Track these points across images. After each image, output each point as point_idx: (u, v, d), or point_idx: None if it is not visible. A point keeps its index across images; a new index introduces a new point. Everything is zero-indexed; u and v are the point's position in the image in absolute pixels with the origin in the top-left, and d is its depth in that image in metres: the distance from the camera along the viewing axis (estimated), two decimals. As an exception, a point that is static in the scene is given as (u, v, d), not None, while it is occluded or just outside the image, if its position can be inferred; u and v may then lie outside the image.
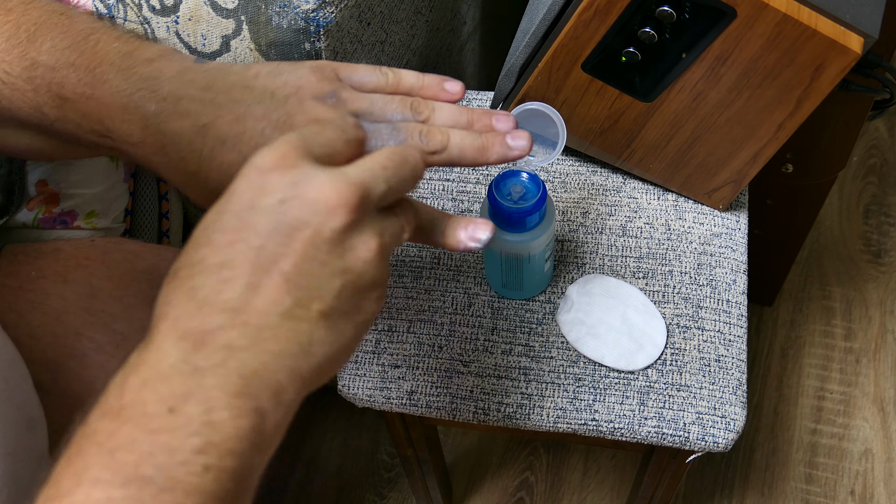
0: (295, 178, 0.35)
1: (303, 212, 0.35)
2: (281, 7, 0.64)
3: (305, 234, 0.35)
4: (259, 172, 0.36)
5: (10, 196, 0.66)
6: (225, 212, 0.36)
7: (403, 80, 0.47)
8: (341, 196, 0.35)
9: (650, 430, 0.65)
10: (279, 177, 0.35)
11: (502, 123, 0.47)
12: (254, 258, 0.34)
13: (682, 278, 0.70)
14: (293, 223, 0.35)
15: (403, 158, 0.39)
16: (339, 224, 0.35)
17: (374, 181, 0.37)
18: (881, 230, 1.37)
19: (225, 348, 0.33)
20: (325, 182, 0.35)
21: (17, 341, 0.57)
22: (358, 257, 0.36)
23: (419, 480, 0.98)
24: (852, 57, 0.56)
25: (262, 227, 0.35)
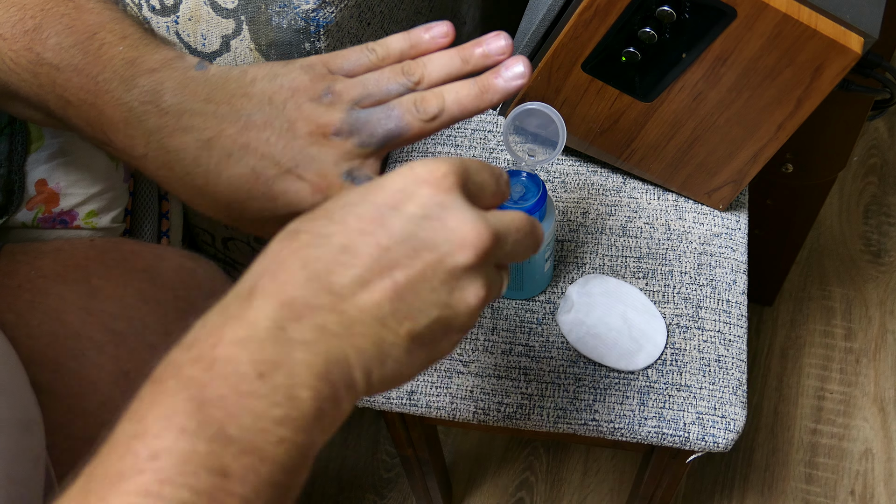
0: (444, 201, 0.36)
1: (438, 235, 0.36)
2: (281, 7, 0.64)
3: (431, 256, 0.36)
4: (414, 180, 0.37)
5: (10, 196, 0.66)
6: (368, 200, 0.36)
7: (391, 49, 0.47)
8: (478, 237, 0.36)
9: (650, 430, 0.65)
10: (431, 193, 0.36)
11: (493, 47, 0.45)
12: (377, 256, 0.35)
13: (682, 278, 0.70)
14: (425, 241, 0.36)
15: (533, 229, 0.41)
16: (464, 262, 0.36)
17: (506, 237, 0.38)
18: (881, 230, 1.37)
19: (319, 328, 0.34)
20: (468, 219, 0.36)
21: (17, 341, 0.57)
22: (463, 299, 0.37)
23: (419, 480, 0.98)
24: (852, 57, 0.56)
25: (397, 231, 0.36)
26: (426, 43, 0.46)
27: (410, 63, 0.46)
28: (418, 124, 0.45)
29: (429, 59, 0.46)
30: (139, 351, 0.59)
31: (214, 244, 0.91)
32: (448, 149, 0.78)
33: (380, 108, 0.45)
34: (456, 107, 0.45)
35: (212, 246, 0.91)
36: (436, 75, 0.45)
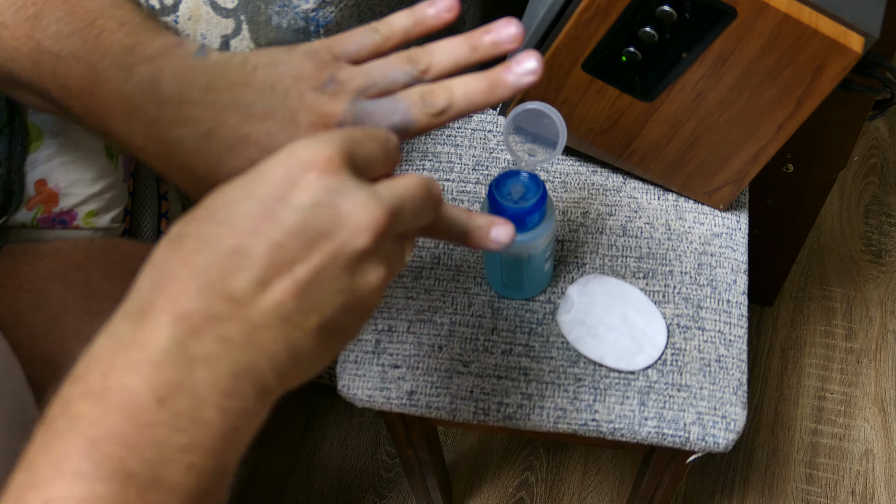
0: (333, 185, 0.35)
1: (332, 223, 0.34)
2: (281, 7, 0.64)
3: (329, 245, 0.34)
4: (298, 165, 0.35)
5: (10, 196, 0.66)
6: (252, 195, 0.34)
7: (395, 28, 0.45)
8: (372, 219, 0.35)
9: (650, 430, 0.65)
10: (317, 178, 0.34)
11: (503, 34, 0.43)
12: (272, 254, 0.33)
13: (682, 278, 0.70)
14: (319, 231, 0.34)
15: (429, 192, 0.39)
16: (363, 246, 0.35)
17: (402, 210, 0.37)
18: (882, 230, 1.37)
19: (221, 340, 0.32)
20: (360, 200, 0.35)
21: (16, 341, 0.57)
22: (366, 282, 0.36)
23: (419, 480, 0.98)
24: (853, 57, 0.56)
25: (289, 224, 0.34)
26: (431, 19, 0.45)
27: (417, 51, 0.44)
28: (425, 118, 0.43)
29: (436, 46, 0.44)
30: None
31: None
32: (448, 148, 0.78)
33: (386, 101, 0.44)
34: (464, 101, 0.43)
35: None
36: (443, 64, 0.44)
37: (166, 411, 0.30)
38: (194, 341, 0.32)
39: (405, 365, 0.68)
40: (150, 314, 0.32)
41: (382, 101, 0.43)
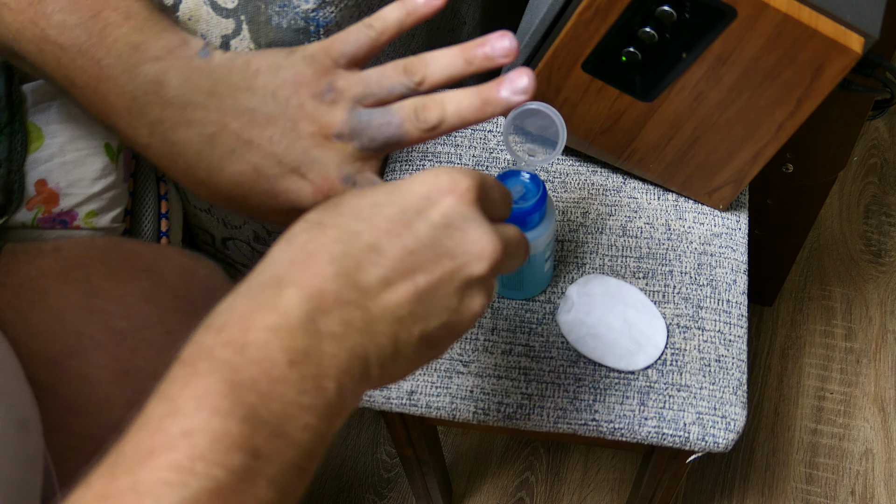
0: (467, 213, 0.38)
1: (459, 245, 0.38)
2: (281, 7, 0.64)
3: (451, 264, 0.38)
4: (438, 188, 0.38)
5: (10, 195, 0.66)
6: (395, 203, 0.38)
7: (389, 22, 0.46)
8: (493, 252, 0.38)
9: (650, 430, 0.65)
10: (455, 204, 0.38)
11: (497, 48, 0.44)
12: (403, 258, 0.37)
13: (682, 278, 0.70)
14: (447, 249, 0.38)
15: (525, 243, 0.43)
16: (479, 273, 0.38)
17: (511, 254, 0.40)
18: (881, 230, 1.37)
19: (345, 323, 0.35)
20: (486, 232, 0.38)
21: (17, 340, 0.57)
22: (470, 306, 0.39)
23: (419, 480, 0.98)
24: (853, 57, 0.56)
25: (422, 235, 0.37)
26: (422, 7, 0.46)
27: (413, 61, 0.45)
28: (417, 133, 0.45)
29: (432, 58, 0.45)
30: (140, 350, 0.59)
31: (214, 244, 0.91)
32: (448, 148, 0.78)
33: (381, 113, 0.45)
34: (456, 117, 0.44)
35: (211, 246, 0.91)
36: (438, 76, 0.45)
37: (295, 373, 0.33)
38: (323, 318, 0.35)
39: (405, 364, 0.68)
40: (289, 286, 0.35)
41: (377, 114, 0.45)
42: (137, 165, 0.79)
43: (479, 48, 0.44)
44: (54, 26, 0.45)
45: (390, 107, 0.45)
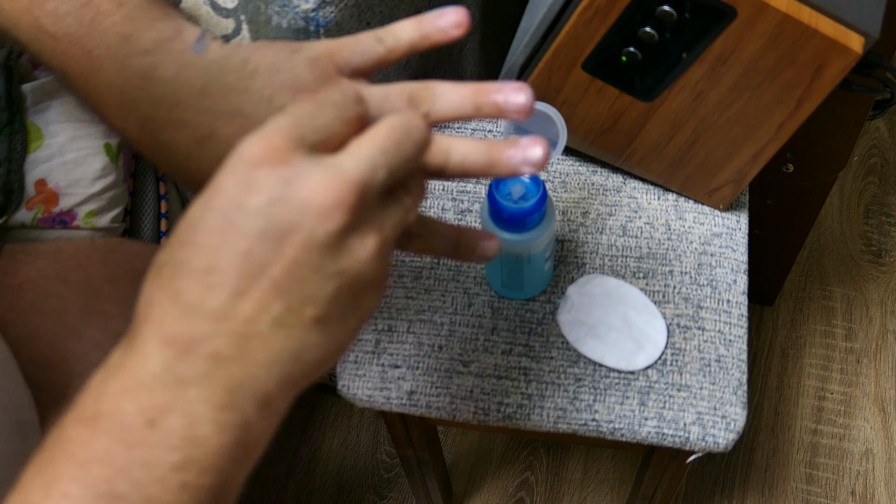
0: (286, 175, 0.32)
1: (294, 215, 0.32)
2: (281, 7, 0.64)
3: (297, 238, 0.32)
4: (246, 166, 0.33)
5: (10, 195, 0.66)
6: (210, 209, 0.33)
7: (401, 41, 0.43)
8: (337, 197, 0.32)
9: (650, 430, 0.65)
10: (268, 173, 0.32)
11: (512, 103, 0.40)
12: (241, 263, 0.32)
13: (682, 278, 0.70)
14: (284, 227, 0.32)
15: (405, 134, 0.35)
16: (335, 228, 0.33)
17: (373, 173, 0.34)
18: (881, 230, 1.37)
19: (211, 358, 0.32)
20: (319, 182, 0.32)
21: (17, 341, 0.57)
22: (356, 259, 0.34)
23: (419, 480, 0.98)
24: (853, 57, 0.56)
25: (250, 229, 0.32)
26: (437, 34, 0.43)
27: (421, 92, 0.42)
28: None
29: (440, 92, 0.42)
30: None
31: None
32: (448, 149, 0.78)
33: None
34: (458, 169, 0.41)
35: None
36: (442, 114, 0.42)
37: (157, 432, 0.30)
38: (182, 363, 0.31)
39: (405, 365, 0.68)
40: (137, 342, 0.32)
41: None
42: (137, 165, 0.79)
43: (492, 95, 0.41)
44: (48, 14, 0.43)
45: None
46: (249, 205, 0.32)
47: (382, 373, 0.68)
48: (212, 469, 0.31)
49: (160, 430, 0.30)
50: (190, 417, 0.31)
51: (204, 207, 0.33)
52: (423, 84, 0.42)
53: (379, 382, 0.68)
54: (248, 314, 0.32)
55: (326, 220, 0.32)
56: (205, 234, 0.33)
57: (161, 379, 0.31)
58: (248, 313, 0.32)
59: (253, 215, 0.32)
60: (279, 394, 0.33)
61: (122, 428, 0.30)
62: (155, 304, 0.33)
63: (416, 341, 0.69)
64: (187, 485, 0.30)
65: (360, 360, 0.69)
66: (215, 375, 0.32)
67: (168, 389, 0.31)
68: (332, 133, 0.35)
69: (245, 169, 0.33)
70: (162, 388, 0.31)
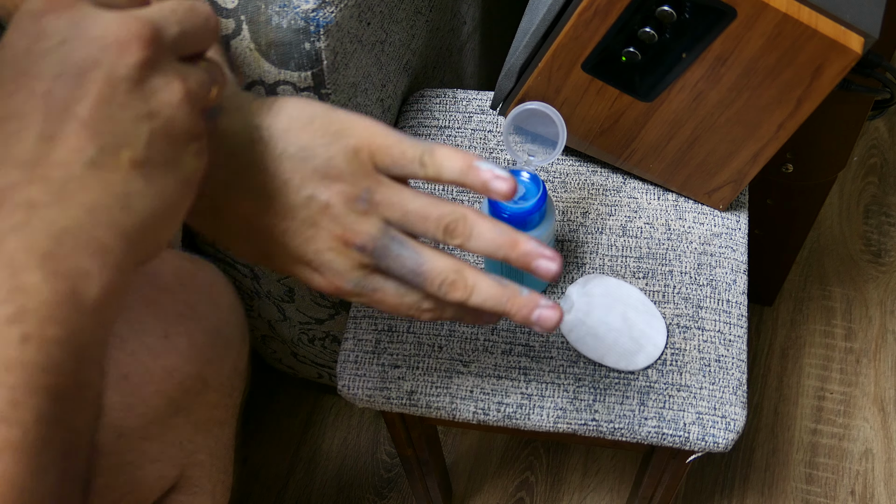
0: (74, 18, 0.31)
1: (90, 50, 0.31)
2: (281, 7, 0.64)
3: (98, 73, 0.31)
4: (31, 17, 0.31)
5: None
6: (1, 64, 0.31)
7: (444, 175, 0.42)
8: (131, 31, 0.31)
9: (650, 430, 0.65)
10: (55, 19, 0.31)
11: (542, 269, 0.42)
12: (43, 105, 0.30)
13: (682, 278, 0.70)
14: (82, 64, 0.31)
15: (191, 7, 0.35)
16: (134, 60, 0.31)
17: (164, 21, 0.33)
18: (881, 230, 1.37)
19: (26, 206, 0.30)
20: (110, 19, 0.31)
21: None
22: (163, 101, 0.32)
23: (419, 480, 0.98)
24: (852, 57, 0.56)
25: (46, 71, 0.31)
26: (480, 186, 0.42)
27: (458, 225, 0.42)
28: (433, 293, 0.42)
29: (478, 232, 0.42)
30: (139, 354, 0.59)
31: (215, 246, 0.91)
32: (448, 149, 0.78)
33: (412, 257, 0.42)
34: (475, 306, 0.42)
35: (211, 247, 0.91)
36: (476, 249, 0.42)
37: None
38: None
39: (405, 365, 0.68)
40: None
41: (409, 257, 0.42)
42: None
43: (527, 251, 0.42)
44: None
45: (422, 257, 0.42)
46: (40, 48, 0.31)
47: (382, 373, 0.68)
48: (52, 319, 0.29)
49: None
50: (11, 267, 0.29)
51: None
52: (462, 215, 0.42)
53: (379, 382, 0.68)
54: (61, 157, 0.30)
55: (124, 52, 0.31)
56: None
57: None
58: (61, 156, 0.30)
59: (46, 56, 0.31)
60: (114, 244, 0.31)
61: None
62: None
63: (416, 341, 0.69)
64: (29, 337, 0.28)
65: (360, 360, 0.69)
66: (33, 223, 0.29)
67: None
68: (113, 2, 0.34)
69: (30, 20, 0.32)
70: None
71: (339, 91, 0.69)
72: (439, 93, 0.82)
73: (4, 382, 0.27)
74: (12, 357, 0.28)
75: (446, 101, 0.81)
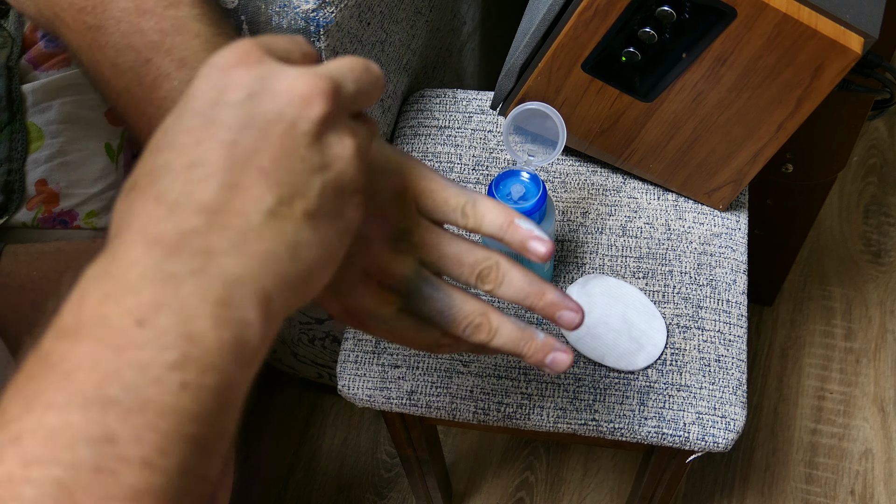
0: (262, 72, 0.33)
1: (276, 104, 0.32)
2: (281, 7, 0.64)
3: (281, 127, 0.32)
4: (220, 70, 0.33)
5: (10, 196, 0.66)
6: (187, 112, 0.32)
7: (484, 228, 0.43)
8: (315, 87, 0.33)
9: (650, 430, 0.65)
10: (244, 72, 0.32)
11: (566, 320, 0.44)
12: (227, 154, 0.31)
13: (682, 278, 0.70)
14: (267, 116, 0.32)
15: (366, 67, 0.37)
16: (316, 115, 0.32)
17: (343, 79, 0.34)
18: (881, 230, 1.37)
19: (204, 252, 0.30)
20: (296, 75, 0.33)
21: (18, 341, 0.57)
22: (337, 155, 0.34)
23: (419, 480, 0.98)
24: (852, 57, 0.56)
25: (233, 122, 0.32)
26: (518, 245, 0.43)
27: (491, 271, 0.43)
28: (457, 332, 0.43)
29: (509, 280, 0.43)
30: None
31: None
32: (448, 148, 0.78)
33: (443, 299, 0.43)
34: (496, 347, 0.43)
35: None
36: (505, 296, 0.44)
37: (148, 331, 0.28)
38: (172, 260, 0.29)
39: (405, 365, 0.68)
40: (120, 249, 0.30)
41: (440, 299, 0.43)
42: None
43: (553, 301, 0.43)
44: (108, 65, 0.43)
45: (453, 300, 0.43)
46: (228, 100, 0.32)
47: (382, 373, 0.68)
48: (213, 368, 0.29)
49: (151, 328, 0.28)
50: (184, 314, 0.29)
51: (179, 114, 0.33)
52: (495, 262, 0.43)
53: (379, 382, 0.68)
54: (241, 206, 0.31)
55: (307, 107, 0.32)
56: (184, 134, 0.32)
57: (150, 279, 0.29)
58: (241, 205, 0.31)
59: (233, 108, 0.32)
60: (277, 294, 0.31)
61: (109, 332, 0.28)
62: (136, 211, 0.31)
63: (416, 341, 0.69)
64: (188, 384, 0.28)
65: (360, 360, 0.69)
66: (210, 270, 0.30)
67: (158, 288, 0.29)
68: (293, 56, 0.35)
69: (218, 73, 0.33)
70: (151, 287, 0.29)
71: (340, 91, 0.69)
72: (439, 93, 0.82)
73: (156, 428, 0.27)
74: (167, 403, 0.28)
75: (446, 101, 0.81)
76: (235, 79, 0.32)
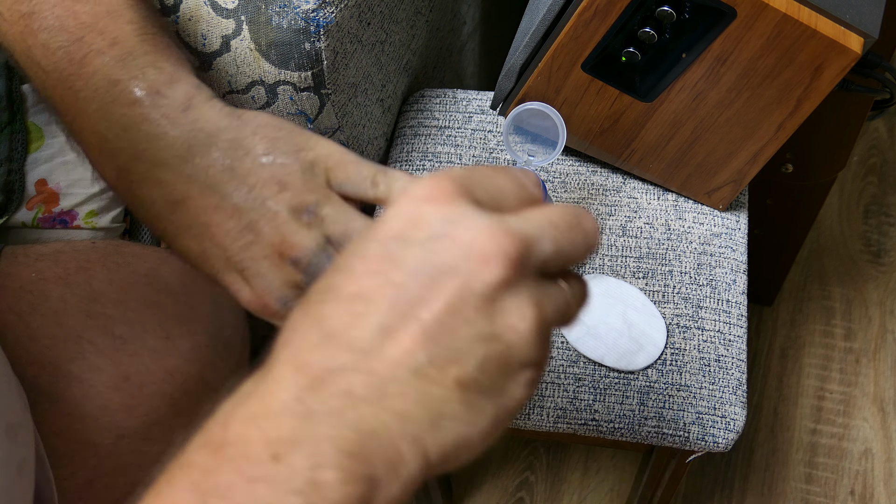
0: (450, 215, 0.30)
1: (453, 255, 0.30)
2: (281, 7, 0.64)
3: (453, 282, 0.29)
4: (414, 203, 0.31)
5: (10, 195, 0.66)
6: (371, 238, 0.31)
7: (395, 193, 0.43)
8: (499, 245, 0.29)
9: (650, 430, 0.65)
10: (433, 210, 0.30)
11: None
12: (393, 295, 0.30)
13: (682, 278, 0.70)
14: (441, 266, 0.30)
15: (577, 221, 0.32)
16: (493, 278, 0.29)
17: (539, 237, 0.31)
18: (881, 230, 1.37)
19: (345, 394, 0.29)
20: (482, 226, 0.30)
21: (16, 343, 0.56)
22: (509, 325, 0.30)
23: (419, 481, 0.98)
24: (852, 57, 0.56)
25: (408, 262, 0.30)
26: None
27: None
28: None
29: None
30: (140, 355, 0.59)
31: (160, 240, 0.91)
32: (448, 148, 0.78)
33: None
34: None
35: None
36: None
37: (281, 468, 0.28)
38: (315, 394, 0.29)
39: (405, 365, 0.68)
40: (273, 367, 0.30)
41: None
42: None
43: None
44: (39, 46, 0.43)
45: None
46: (410, 237, 0.30)
47: (383, 373, 0.68)
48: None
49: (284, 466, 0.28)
50: (316, 458, 0.28)
51: (366, 237, 0.31)
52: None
53: (379, 383, 0.68)
54: (391, 355, 0.29)
55: (485, 267, 0.30)
56: (360, 260, 0.31)
57: (290, 409, 0.29)
58: (392, 354, 0.29)
59: (412, 248, 0.30)
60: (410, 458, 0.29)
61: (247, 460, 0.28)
62: (297, 329, 0.31)
63: (416, 342, 0.69)
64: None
65: (361, 361, 0.69)
66: (347, 415, 0.29)
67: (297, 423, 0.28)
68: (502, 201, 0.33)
69: (411, 204, 0.31)
70: (290, 419, 0.29)
71: (339, 91, 0.69)
72: (439, 93, 0.82)
73: None
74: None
75: (446, 101, 0.81)
76: (423, 215, 0.31)
